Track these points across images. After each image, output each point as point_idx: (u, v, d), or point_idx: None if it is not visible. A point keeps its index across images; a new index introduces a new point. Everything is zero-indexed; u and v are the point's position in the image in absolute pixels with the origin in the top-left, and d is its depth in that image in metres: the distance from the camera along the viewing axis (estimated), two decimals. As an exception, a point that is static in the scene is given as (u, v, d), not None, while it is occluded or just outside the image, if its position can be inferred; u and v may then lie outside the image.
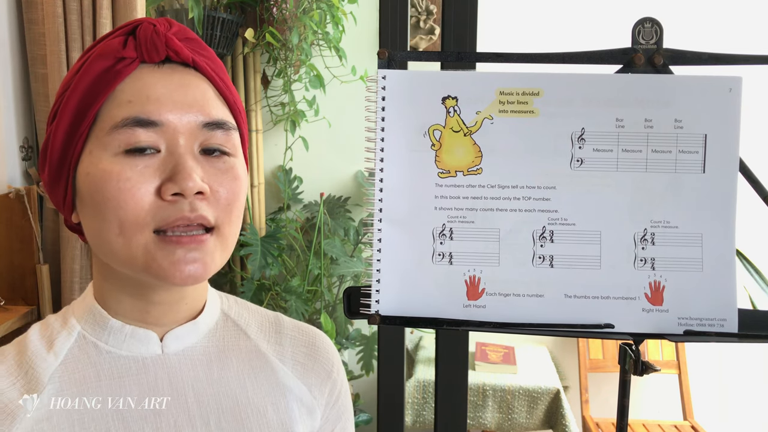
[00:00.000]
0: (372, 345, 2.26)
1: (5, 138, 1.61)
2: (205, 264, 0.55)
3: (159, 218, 0.53)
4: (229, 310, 0.69)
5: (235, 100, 0.61)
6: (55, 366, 0.58)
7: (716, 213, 0.61)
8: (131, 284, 0.59)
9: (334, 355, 0.72)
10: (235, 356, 0.65)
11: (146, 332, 0.60)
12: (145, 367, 0.60)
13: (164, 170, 0.54)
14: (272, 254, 2.10)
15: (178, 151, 0.54)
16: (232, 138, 0.59)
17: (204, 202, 0.55)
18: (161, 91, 0.55)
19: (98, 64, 0.55)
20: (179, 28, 0.59)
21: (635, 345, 0.62)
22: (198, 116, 0.56)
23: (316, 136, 2.40)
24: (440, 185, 0.62)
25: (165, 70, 0.56)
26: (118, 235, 0.54)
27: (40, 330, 0.62)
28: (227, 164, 0.58)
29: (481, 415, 2.11)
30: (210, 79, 0.59)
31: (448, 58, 0.67)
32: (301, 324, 0.73)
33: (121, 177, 0.53)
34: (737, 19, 2.38)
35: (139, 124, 0.54)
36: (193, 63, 0.58)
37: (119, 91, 0.55)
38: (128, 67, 0.55)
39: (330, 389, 0.70)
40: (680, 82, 0.61)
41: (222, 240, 0.57)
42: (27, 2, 1.58)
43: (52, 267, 1.64)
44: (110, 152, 0.54)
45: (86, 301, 0.62)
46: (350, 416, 0.74)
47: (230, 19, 2.08)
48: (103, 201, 0.53)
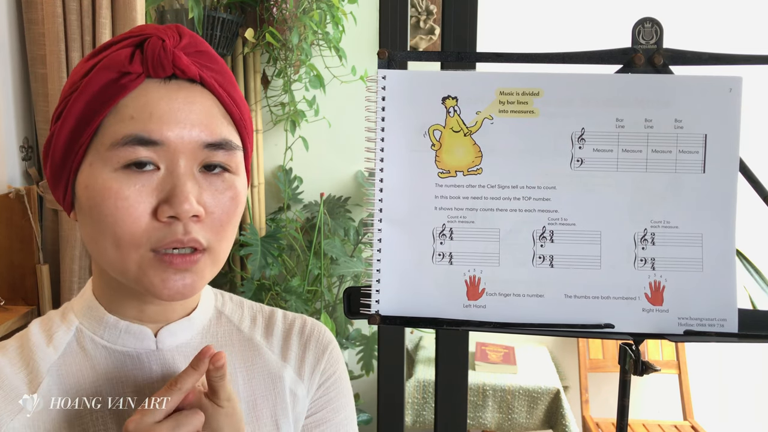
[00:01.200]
0: (372, 345, 2.26)
1: (5, 138, 1.60)
2: (194, 282, 0.56)
3: (154, 239, 0.54)
4: (223, 307, 0.70)
5: (242, 116, 0.60)
6: (54, 359, 0.60)
7: (716, 213, 0.61)
8: (127, 285, 0.59)
9: (327, 340, 0.73)
10: (228, 351, 0.66)
11: (141, 328, 0.61)
12: (140, 362, 0.61)
13: (162, 190, 0.54)
14: (272, 254, 2.10)
15: (177, 172, 0.54)
16: (234, 157, 0.58)
17: (198, 225, 0.55)
18: (165, 109, 0.54)
19: (103, 76, 0.55)
20: (189, 40, 0.58)
21: (635, 345, 0.62)
22: (201, 135, 0.55)
23: (316, 136, 2.39)
24: (440, 185, 0.62)
25: (171, 86, 0.56)
26: (115, 249, 0.55)
27: (40, 324, 0.63)
28: (226, 183, 0.58)
29: (481, 415, 2.11)
30: (217, 96, 0.58)
31: (448, 58, 0.67)
32: (295, 314, 0.74)
33: (120, 195, 0.53)
34: (737, 19, 2.38)
35: (140, 143, 0.53)
36: (200, 79, 0.57)
37: (123, 106, 0.54)
38: (133, 82, 0.55)
39: (321, 372, 0.71)
40: (680, 82, 0.61)
41: (213, 257, 0.58)
42: (27, 2, 1.58)
43: (52, 267, 1.64)
44: (110, 168, 0.54)
45: (85, 296, 0.64)
46: (345, 403, 0.73)
47: (230, 19, 2.08)
48: (101, 217, 0.54)
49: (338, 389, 0.72)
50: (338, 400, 0.72)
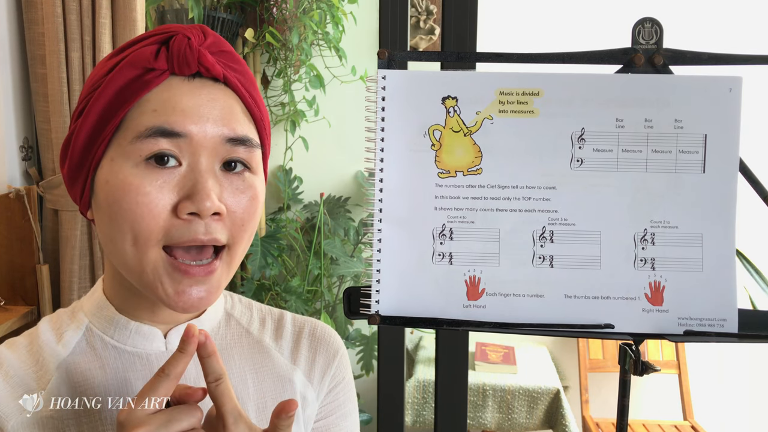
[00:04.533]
0: (372, 345, 2.26)
1: (5, 138, 1.60)
2: (210, 294, 0.56)
3: (171, 236, 0.54)
4: (233, 309, 0.69)
5: (262, 117, 0.61)
6: (63, 356, 0.60)
7: (716, 213, 0.61)
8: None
9: (336, 345, 0.72)
10: (238, 353, 0.66)
11: (151, 329, 0.61)
12: (149, 363, 0.61)
13: (183, 187, 0.54)
14: (272, 254, 2.10)
15: (199, 168, 0.54)
16: (255, 155, 0.58)
17: (219, 224, 0.55)
18: (188, 104, 0.54)
19: (128, 72, 0.55)
20: (214, 39, 0.58)
21: (635, 345, 0.62)
22: (222, 130, 0.55)
23: (316, 136, 2.39)
24: (440, 185, 0.62)
25: (195, 83, 0.56)
26: (131, 246, 0.54)
27: (50, 322, 0.63)
28: (246, 182, 0.57)
29: (481, 415, 2.11)
30: (239, 95, 0.58)
31: (448, 58, 0.67)
32: (305, 317, 0.73)
33: (140, 191, 0.53)
34: (737, 19, 2.38)
35: (163, 134, 0.53)
36: (224, 79, 0.57)
37: (146, 100, 0.55)
38: (158, 78, 0.55)
39: (331, 377, 0.71)
40: (680, 82, 0.61)
41: (230, 259, 0.58)
42: (27, 2, 1.58)
43: (52, 267, 1.64)
44: (132, 162, 0.54)
45: (95, 296, 0.63)
46: (351, 408, 0.73)
47: (230, 19, 2.08)
48: (120, 212, 0.53)
49: (346, 395, 0.72)
50: (346, 406, 0.72)
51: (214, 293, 0.56)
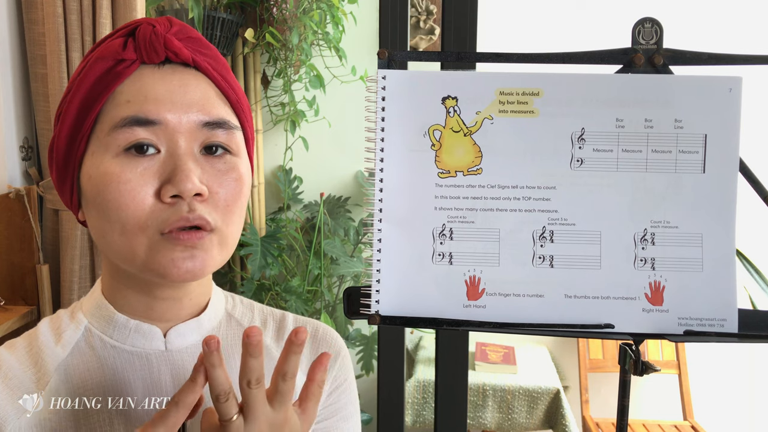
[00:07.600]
0: (372, 345, 2.25)
1: (5, 138, 1.60)
2: (203, 261, 0.56)
3: (160, 221, 0.54)
4: (233, 310, 0.69)
5: (238, 99, 0.61)
6: (62, 357, 0.60)
7: (716, 213, 0.61)
8: (136, 280, 0.59)
9: (339, 347, 0.72)
10: (238, 353, 0.65)
11: (150, 327, 0.61)
12: (148, 363, 0.61)
13: (163, 172, 0.54)
14: (272, 254, 2.10)
15: (178, 153, 0.54)
16: (234, 137, 0.59)
17: (203, 204, 0.55)
18: (160, 91, 0.55)
19: (98, 66, 0.56)
20: (180, 27, 0.59)
21: (635, 345, 0.62)
22: (198, 115, 0.56)
23: (316, 136, 2.39)
24: (440, 185, 0.62)
25: (165, 70, 0.56)
26: (121, 235, 0.54)
27: (50, 323, 0.63)
28: (228, 164, 0.58)
29: (481, 415, 2.11)
30: (212, 78, 0.59)
31: (448, 58, 0.67)
32: (307, 319, 0.73)
33: (122, 179, 0.53)
34: (737, 19, 2.38)
35: (138, 123, 0.54)
36: (194, 63, 0.58)
37: (119, 93, 0.55)
38: (128, 68, 0.55)
39: (332, 379, 0.70)
40: (680, 82, 0.61)
41: (221, 239, 0.57)
42: (27, 2, 1.58)
43: (52, 267, 1.64)
44: (111, 153, 0.54)
45: (94, 296, 0.63)
46: (353, 411, 0.72)
47: (230, 19, 2.08)
48: (105, 203, 0.54)
49: (348, 397, 0.72)
50: (347, 408, 0.72)
51: (208, 261, 0.56)
